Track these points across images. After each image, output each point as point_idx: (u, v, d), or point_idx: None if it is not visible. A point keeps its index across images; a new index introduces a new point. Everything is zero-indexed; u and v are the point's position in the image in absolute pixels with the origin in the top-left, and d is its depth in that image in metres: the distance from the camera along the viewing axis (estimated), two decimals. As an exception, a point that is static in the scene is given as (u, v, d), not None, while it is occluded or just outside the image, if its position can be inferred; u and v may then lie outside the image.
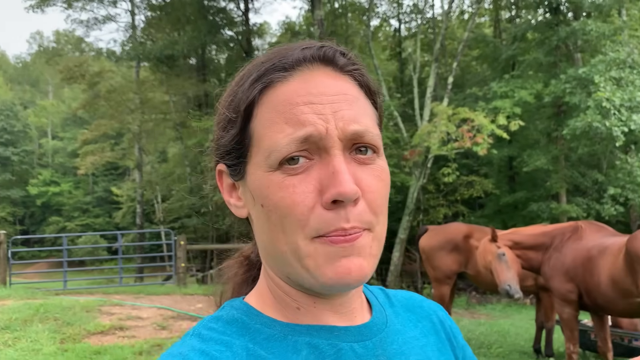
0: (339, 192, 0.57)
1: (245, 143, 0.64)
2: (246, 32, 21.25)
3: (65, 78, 21.33)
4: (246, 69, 0.68)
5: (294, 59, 0.64)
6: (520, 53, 18.22)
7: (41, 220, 43.33)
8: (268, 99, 0.63)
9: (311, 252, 0.60)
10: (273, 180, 0.60)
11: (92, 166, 24.03)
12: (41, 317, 7.10)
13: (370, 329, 0.68)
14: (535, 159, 15.73)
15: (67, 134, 45.69)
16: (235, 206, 0.69)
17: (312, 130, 0.59)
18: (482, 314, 11.83)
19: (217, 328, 0.64)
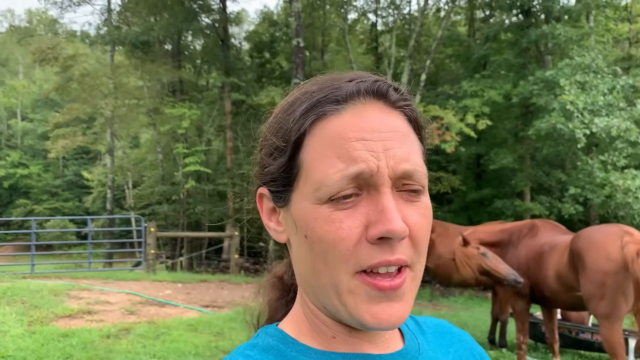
0: (388, 230, 0.58)
1: (293, 172, 0.64)
2: (223, 20, 21.20)
3: (38, 60, 21.01)
4: (294, 96, 0.68)
5: (348, 92, 0.64)
6: (492, 53, 18.65)
7: (8, 202, 42.54)
8: (319, 131, 0.63)
9: (352, 289, 0.60)
10: (320, 213, 0.60)
11: (63, 150, 23.75)
12: (8, 299, 7.17)
13: (404, 357, 0.69)
14: (502, 158, 16.19)
15: (38, 116, 44.83)
16: (275, 230, 0.69)
17: (364, 168, 0.59)
18: (444, 306, 12.22)
19: (253, 355, 0.64)
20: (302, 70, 15.99)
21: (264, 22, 27.92)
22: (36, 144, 43.11)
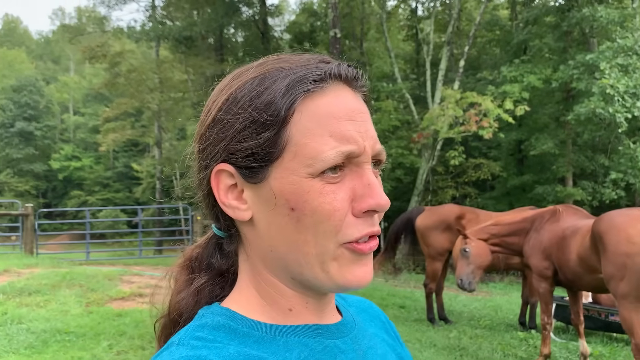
0: (378, 204, 0.63)
1: (278, 147, 0.64)
2: (263, 13, 21.60)
3: (87, 57, 21.96)
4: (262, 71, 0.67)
5: (329, 72, 0.65)
6: (532, 37, 18.37)
7: (63, 194, 44.29)
8: (307, 108, 0.64)
9: (337, 256, 0.63)
10: (313, 186, 0.62)
11: (113, 143, 24.77)
12: (68, 283, 7.77)
13: (345, 327, 0.72)
14: (543, 143, 16.04)
15: (89, 110, 46.45)
16: (236, 208, 0.67)
17: (355, 148, 0.63)
18: (482, 292, 12.33)
19: (205, 336, 0.63)
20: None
21: (303, 12, 28.17)
22: (88, 138, 44.69)
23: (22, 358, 4.49)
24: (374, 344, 0.76)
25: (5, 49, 52.72)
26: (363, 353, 0.71)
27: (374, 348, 0.75)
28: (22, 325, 5.42)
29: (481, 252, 5.69)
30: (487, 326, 7.28)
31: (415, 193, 17.68)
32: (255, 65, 0.69)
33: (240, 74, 0.69)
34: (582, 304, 5.88)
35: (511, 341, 6.43)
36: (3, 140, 43.30)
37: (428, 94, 18.95)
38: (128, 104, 22.44)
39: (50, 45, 62.88)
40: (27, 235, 12.42)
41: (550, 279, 5.60)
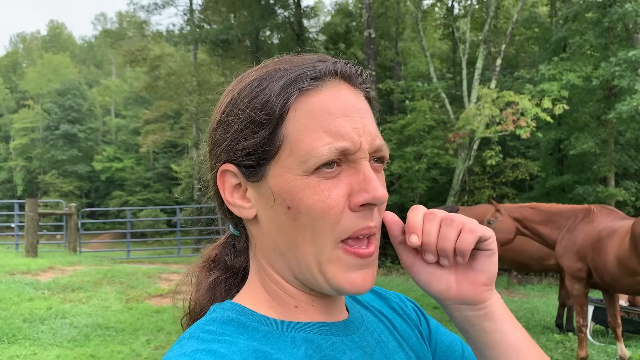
0: (374, 197, 0.62)
1: (275, 145, 0.65)
2: (298, 15, 21.76)
3: (128, 61, 22.54)
4: (262, 72, 0.69)
5: (325, 70, 0.66)
6: (572, 34, 17.96)
7: (105, 194, 45.43)
8: (302, 105, 0.64)
9: (333, 259, 0.64)
10: (309, 184, 0.63)
11: (153, 144, 25.34)
12: (109, 280, 8.04)
13: (352, 324, 0.72)
14: (583, 142, 15.67)
15: (130, 112, 47.60)
16: (241, 207, 0.69)
17: (350, 145, 0.63)
18: (519, 293, 12.15)
19: (215, 330, 0.64)
20: (373, 61, 16.22)
21: (338, 13, 28.22)
22: (129, 139, 45.78)
23: (65, 351, 4.69)
24: (385, 338, 0.76)
25: (51, 54, 54.48)
26: (371, 350, 0.71)
27: (384, 343, 0.75)
28: (65, 320, 5.65)
29: (504, 228, 5.64)
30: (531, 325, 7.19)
31: (452, 193, 17.51)
32: (257, 68, 0.71)
33: (243, 77, 0.71)
34: (619, 306, 5.76)
35: (547, 344, 6.34)
36: (48, 143, 44.80)
37: (464, 93, 18.73)
38: (167, 107, 22.92)
39: (92, 49, 64.65)
40: (70, 234, 12.85)
41: (584, 281, 5.51)
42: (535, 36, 22.14)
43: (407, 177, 18.63)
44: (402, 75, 22.92)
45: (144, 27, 27.55)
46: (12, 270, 8.12)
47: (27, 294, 6.65)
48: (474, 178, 19.25)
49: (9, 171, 48.61)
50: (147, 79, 24.29)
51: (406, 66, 23.88)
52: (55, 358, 4.45)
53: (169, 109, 23.22)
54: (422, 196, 20.23)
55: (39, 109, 47.64)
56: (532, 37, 22.69)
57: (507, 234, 5.65)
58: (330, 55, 0.72)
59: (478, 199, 18.02)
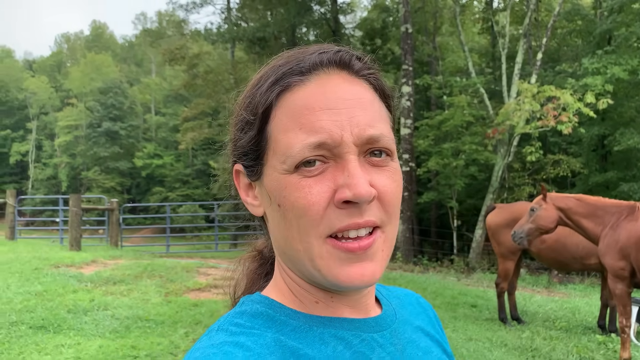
0: (355, 194, 0.59)
1: (262, 145, 0.65)
2: (334, 11, 21.73)
3: (167, 59, 22.97)
4: (263, 71, 0.69)
5: (311, 62, 0.64)
6: (617, 27, 17.38)
7: (146, 190, 46.45)
8: (285, 103, 0.64)
9: (323, 254, 0.62)
10: (290, 182, 0.62)
11: (191, 141, 25.76)
12: (149, 274, 8.22)
13: (384, 320, 0.71)
14: (629, 138, 15.19)
15: (169, 110, 48.50)
16: (252, 205, 0.70)
17: (326, 138, 0.60)
18: (560, 292, 11.87)
19: (243, 323, 0.64)
20: (410, 56, 16.08)
21: (375, 9, 28.06)
22: (168, 136, 46.66)
23: (107, 342, 4.83)
24: (416, 338, 0.75)
25: (93, 53, 55.95)
26: (402, 347, 0.70)
27: (416, 342, 0.73)
28: (107, 312, 5.81)
29: (547, 216, 5.54)
30: (563, 328, 7.03)
31: (490, 190, 17.22)
32: (262, 68, 0.71)
33: (253, 77, 0.71)
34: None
35: (588, 344, 6.18)
36: (91, 140, 46.08)
37: (504, 88, 18.38)
38: (205, 104, 23.26)
39: (133, 48, 66.03)
40: (112, 229, 13.19)
41: (627, 280, 5.35)
42: (578, 29, 21.52)
43: (445, 174, 18.41)
44: (440, 70, 22.63)
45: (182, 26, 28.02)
46: (57, 263, 8.39)
47: (71, 286, 6.87)
48: (513, 175, 18.88)
49: (54, 168, 50.24)
50: (185, 77, 24.71)
51: (444, 61, 23.56)
52: (97, 348, 4.59)
53: (207, 106, 23.56)
54: (460, 193, 19.96)
55: (82, 107, 49.06)
56: (575, 30, 22.06)
57: (549, 222, 5.55)
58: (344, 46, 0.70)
59: (518, 196, 17.66)
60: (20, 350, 4.41)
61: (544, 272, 14.82)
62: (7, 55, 68.17)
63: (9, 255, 8.87)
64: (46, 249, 10.63)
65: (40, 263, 8.16)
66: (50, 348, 4.51)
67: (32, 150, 53.48)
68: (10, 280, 6.85)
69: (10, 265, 7.85)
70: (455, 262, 16.49)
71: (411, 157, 16.40)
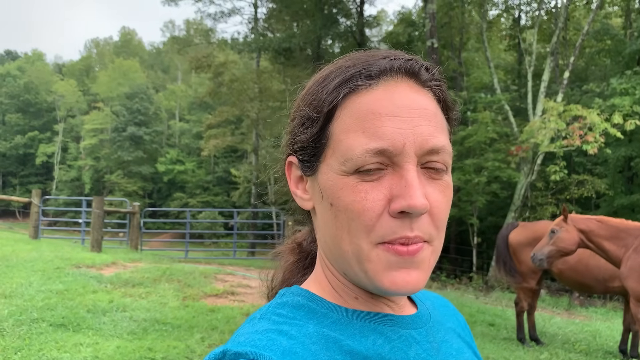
0: (409, 205, 0.59)
1: (322, 143, 0.66)
2: (360, 24, 21.82)
3: (194, 67, 23.27)
4: (329, 70, 0.69)
5: (381, 68, 0.65)
6: (646, 47, 17.18)
7: (167, 195, 46.95)
8: (351, 105, 0.64)
9: (372, 258, 0.62)
10: (347, 183, 0.62)
11: (214, 149, 26.01)
12: (167, 278, 8.27)
13: (420, 319, 0.72)
14: (656, 160, 14.91)
15: (193, 117, 49.08)
16: (302, 198, 0.71)
17: (388, 145, 0.61)
18: (581, 315, 11.64)
19: (285, 313, 0.65)
20: (435, 71, 16.02)
21: (401, 23, 28.10)
22: (191, 143, 47.19)
23: (125, 342, 4.87)
24: (449, 338, 0.75)
25: (121, 59, 56.95)
26: (437, 345, 0.71)
27: (449, 342, 0.74)
28: (125, 313, 5.86)
29: (567, 238, 5.46)
30: (582, 351, 6.88)
31: (512, 209, 17.03)
32: (329, 65, 0.71)
33: (316, 74, 0.72)
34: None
35: (609, 369, 6.05)
36: (116, 144, 46.78)
37: (529, 105, 18.23)
38: (229, 112, 23.48)
39: (160, 55, 67.10)
40: (133, 232, 13.32)
41: (651, 305, 5.23)
42: (607, 48, 21.28)
43: (466, 190, 18.27)
44: (465, 86, 22.54)
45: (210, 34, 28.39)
46: (79, 263, 8.50)
47: (91, 286, 6.94)
48: (536, 194, 18.65)
49: (78, 170, 51.10)
50: (211, 84, 24.98)
51: (469, 77, 23.48)
52: (115, 348, 4.63)
53: (230, 114, 23.79)
54: (482, 210, 19.78)
55: (108, 111, 49.89)
56: (604, 50, 21.82)
57: (570, 245, 5.47)
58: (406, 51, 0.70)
59: (540, 215, 17.43)
60: (40, 347, 4.47)
61: (564, 294, 14.57)
62: (38, 58, 69.76)
63: (32, 253, 9.01)
64: (68, 249, 10.76)
65: (62, 262, 8.27)
66: (69, 346, 4.57)
67: (58, 152, 54.50)
68: (33, 278, 6.95)
69: (33, 264, 7.97)
70: (474, 279, 16.31)
71: (433, 172, 16.26)
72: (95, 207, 10.88)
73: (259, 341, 0.59)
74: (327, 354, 0.61)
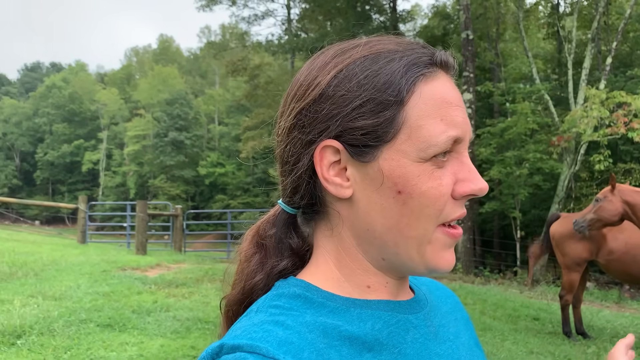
0: (480, 189, 0.65)
1: (394, 128, 0.64)
2: (394, 19, 21.69)
3: (230, 71, 23.59)
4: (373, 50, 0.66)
5: (438, 58, 0.66)
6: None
7: (209, 197, 47.72)
8: (423, 90, 0.64)
9: (433, 240, 0.65)
10: (424, 170, 0.63)
11: (252, 150, 26.28)
12: (209, 278, 8.42)
13: (417, 303, 0.73)
14: None
15: (231, 120, 49.70)
16: (340, 185, 0.66)
17: (461, 133, 0.64)
18: (631, 309, 11.26)
19: (282, 304, 0.66)
20: (471, 63, 15.80)
21: (435, 16, 27.74)
22: (230, 146, 47.81)
23: (168, 341, 5.00)
24: (447, 322, 0.77)
25: (160, 66, 58.11)
26: (435, 329, 0.72)
27: (446, 326, 0.75)
28: (169, 313, 6.01)
29: (610, 208, 5.32)
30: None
31: (556, 200, 16.61)
32: (362, 44, 0.67)
33: (345, 52, 0.67)
34: None
35: (661, 363, 5.85)
36: (158, 149, 47.82)
37: (570, 94, 17.73)
38: (266, 114, 23.71)
39: (198, 61, 68.16)
40: (176, 234, 13.61)
41: None
42: (651, 32, 20.51)
43: (508, 183, 17.92)
44: (503, 77, 22.09)
45: (244, 38, 28.71)
46: (124, 266, 8.74)
47: (136, 288, 7.14)
48: (580, 184, 18.13)
49: (123, 175, 52.47)
50: (247, 87, 25.27)
51: (506, 68, 23.00)
52: (159, 347, 4.75)
53: (267, 116, 24.00)
54: (524, 203, 19.36)
55: (149, 118, 51.02)
56: (649, 33, 21.04)
57: (612, 215, 5.34)
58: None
59: (585, 206, 16.89)
60: (89, 346, 4.63)
61: (614, 287, 14.13)
62: (81, 69, 72.00)
63: (80, 257, 9.32)
64: (114, 252, 11.08)
65: (108, 266, 8.53)
66: (116, 345, 4.72)
67: (103, 159, 56.15)
68: (81, 281, 7.20)
69: (81, 267, 8.25)
70: (518, 274, 15.98)
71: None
72: (139, 211, 11.15)
73: (255, 333, 0.59)
74: (325, 341, 0.61)
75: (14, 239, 12.60)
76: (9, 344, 4.54)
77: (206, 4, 25.35)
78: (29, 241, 12.55)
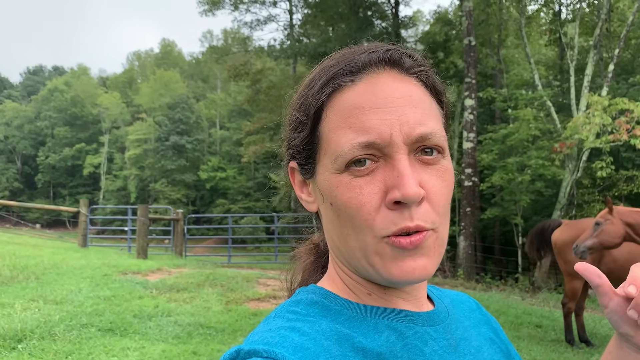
0: (403, 195, 0.59)
1: (314, 145, 0.67)
2: (396, 25, 21.73)
3: (232, 75, 23.62)
4: (315, 72, 0.70)
5: (361, 62, 0.65)
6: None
7: (209, 202, 47.69)
8: (336, 103, 0.64)
9: (379, 251, 0.62)
10: (342, 181, 0.63)
11: (253, 155, 26.33)
12: (211, 283, 8.40)
13: (437, 316, 0.72)
14: None
15: (233, 125, 49.71)
16: (307, 201, 0.71)
17: (375, 138, 0.61)
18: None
19: (299, 310, 0.66)
20: (473, 69, 15.81)
21: (437, 22, 27.78)
22: (232, 150, 47.79)
23: (170, 346, 4.97)
24: (469, 335, 0.74)
25: (162, 70, 58.23)
26: (455, 343, 0.70)
27: (468, 340, 0.73)
28: (170, 318, 5.99)
29: (611, 232, 5.27)
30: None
31: (558, 207, 16.59)
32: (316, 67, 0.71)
33: (305, 78, 0.72)
34: None
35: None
36: (159, 153, 47.86)
37: (572, 101, 17.73)
38: (267, 119, 23.75)
39: (200, 65, 68.23)
40: (177, 239, 13.58)
41: None
42: (654, 39, 20.53)
43: (510, 190, 17.90)
44: (505, 83, 22.10)
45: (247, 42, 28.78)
46: (125, 270, 8.73)
47: (137, 292, 7.12)
48: (582, 191, 18.10)
49: (124, 179, 52.48)
50: (249, 92, 25.31)
51: (508, 74, 23.02)
52: (161, 352, 4.73)
53: (269, 120, 24.05)
54: (526, 210, 19.32)
55: (151, 122, 51.10)
56: (651, 40, 21.06)
57: (614, 237, 5.30)
58: (394, 44, 0.69)
59: (587, 213, 16.91)
60: (90, 351, 4.61)
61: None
62: (83, 72, 72.13)
63: (81, 261, 9.30)
64: (115, 256, 11.06)
65: (109, 270, 8.51)
66: (117, 350, 4.69)
67: (104, 163, 56.17)
68: (82, 285, 7.18)
69: (82, 271, 8.23)
70: (519, 280, 15.93)
71: (474, 171, 16.04)
72: (140, 215, 11.15)
73: (272, 339, 0.60)
74: (340, 349, 0.61)
75: (15, 242, 12.58)
76: (9, 348, 4.52)
77: (209, 8, 25.44)
78: (30, 244, 12.53)
